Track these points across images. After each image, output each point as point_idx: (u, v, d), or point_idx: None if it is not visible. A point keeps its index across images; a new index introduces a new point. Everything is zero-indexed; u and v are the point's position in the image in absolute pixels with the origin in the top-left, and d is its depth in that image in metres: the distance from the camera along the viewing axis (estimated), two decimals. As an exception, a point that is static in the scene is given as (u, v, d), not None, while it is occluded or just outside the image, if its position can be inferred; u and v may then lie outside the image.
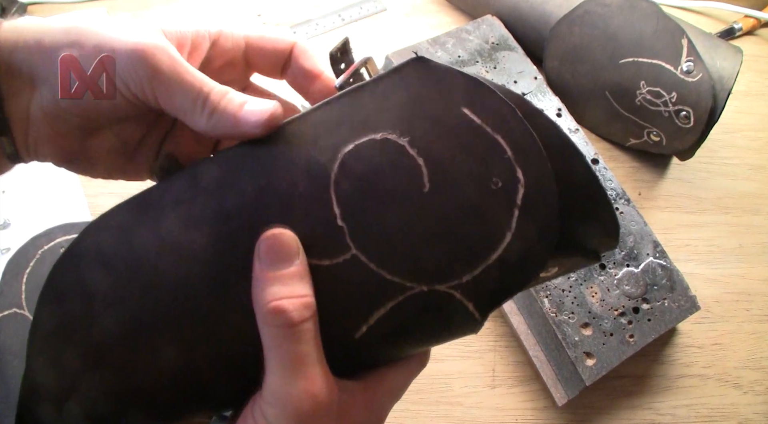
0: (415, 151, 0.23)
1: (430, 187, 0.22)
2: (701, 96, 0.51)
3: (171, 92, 0.24)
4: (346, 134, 0.23)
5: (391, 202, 0.22)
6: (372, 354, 0.24)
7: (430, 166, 0.22)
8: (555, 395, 0.45)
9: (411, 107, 0.23)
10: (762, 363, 0.51)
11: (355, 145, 0.23)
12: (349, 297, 0.23)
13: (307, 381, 0.21)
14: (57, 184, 0.53)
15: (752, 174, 0.60)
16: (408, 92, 0.23)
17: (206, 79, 0.24)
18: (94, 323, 0.24)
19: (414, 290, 0.22)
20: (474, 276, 0.22)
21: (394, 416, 0.47)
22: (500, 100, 0.23)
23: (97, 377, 0.24)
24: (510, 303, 0.48)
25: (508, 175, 0.22)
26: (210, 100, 0.24)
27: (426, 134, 0.23)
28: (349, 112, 0.24)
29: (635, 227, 0.49)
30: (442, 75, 0.23)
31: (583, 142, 0.53)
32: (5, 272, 0.46)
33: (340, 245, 0.23)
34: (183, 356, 0.23)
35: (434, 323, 0.23)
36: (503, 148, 0.22)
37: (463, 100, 0.23)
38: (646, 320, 0.46)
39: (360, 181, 0.23)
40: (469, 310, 0.23)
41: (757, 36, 0.68)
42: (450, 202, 0.22)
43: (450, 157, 0.22)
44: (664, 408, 0.49)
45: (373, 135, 0.23)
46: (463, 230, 0.22)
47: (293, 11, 0.67)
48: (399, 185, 0.22)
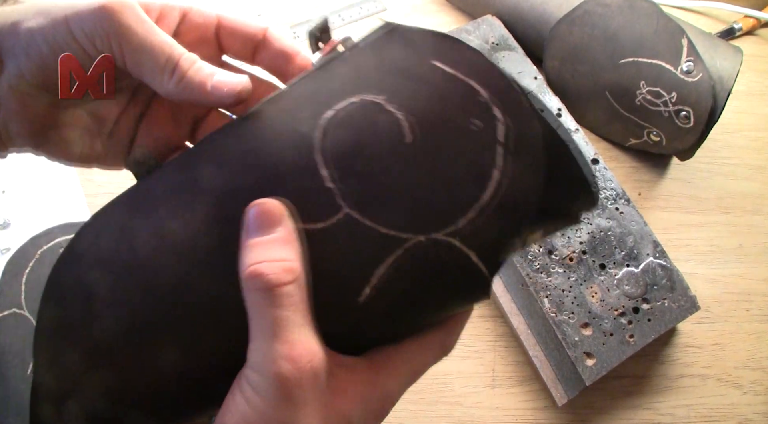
0: (393, 107, 0.23)
1: (412, 138, 0.23)
2: (701, 96, 0.51)
3: (139, 52, 0.24)
4: (324, 102, 0.23)
5: (377, 157, 0.23)
6: (380, 325, 0.24)
7: (409, 119, 0.23)
8: (555, 395, 0.45)
9: (384, 68, 0.23)
10: (762, 363, 0.51)
11: (335, 110, 0.23)
12: (347, 257, 0.23)
13: (286, 345, 0.21)
14: (57, 184, 0.53)
15: (752, 174, 0.60)
16: (380, 56, 0.24)
17: (175, 43, 0.24)
18: (94, 323, 0.24)
19: (411, 241, 0.22)
20: (470, 220, 0.22)
21: (394, 416, 0.47)
22: (469, 49, 0.23)
23: (97, 377, 0.24)
24: (510, 303, 0.48)
25: (486, 116, 0.22)
26: (180, 65, 0.24)
27: (402, 89, 0.23)
28: (325, 82, 0.24)
29: (635, 227, 0.49)
30: (411, 36, 0.24)
31: (583, 142, 0.53)
32: (5, 272, 0.46)
33: (332, 206, 0.22)
34: (183, 355, 0.23)
35: (439, 278, 0.23)
36: (477, 91, 0.23)
37: (433, 54, 0.23)
38: (646, 320, 0.46)
39: (343, 142, 0.23)
40: (472, 260, 0.22)
41: (757, 36, 0.68)
42: (433, 149, 0.22)
43: (428, 107, 0.23)
44: (664, 408, 0.49)
45: (351, 98, 0.23)
46: (451, 174, 0.22)
47: (293, 11, 0.67)
48: (382, 140, 0.23)
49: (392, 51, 0.24)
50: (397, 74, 0.23)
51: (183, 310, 0.23)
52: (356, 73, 0.24)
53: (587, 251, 0.48)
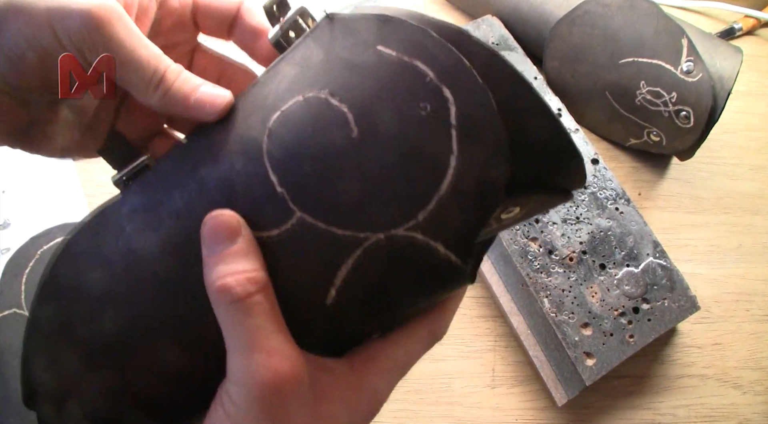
0: (337, 100, 0.22)
1: (358, 132, 0.21)
2: (701, 96, 0.51)
3: (126, 66, 0.23)
4: (272, 104, 0.23)
5: (324, 156, 0.22)
6: (355, 324, 0.23)
7: (354, 111, 0.21)
8: (555, 395, 0.45)
9: (329, 62, 0.22)
10: (762, 363, 0.51)
11: (281, 111, 0.23)
12: (307, 262, 0.22)
13: (262, 353, 0.21)
14: (57, 184, 0.53)
15: (752, 174, 0.60)
16: (324, 49, 0.23)
17: (162, 55, 0.24)
18: (92, 323, 0.24)
19: (370, 240, 0.21)
20: (430, 212, 0.21)
21: (394, 416, 0.47)
22: (412, 28, 0.21)
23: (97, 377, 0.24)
24: (510, 303, 0.48)
25: (434, 97, 0.21)
26: (165, 79, 0.23)
27: (346, 82, 0.22)
28: (273, 84, 0.23)
29: (635, 227, 0.49)
30: (352, 23, 0.23)
31: (583, 142, 0.53)
32: (5, 272, 0.46)
33: (285, 211, 0.22)
34: (182, 355, 0.23)
35: (407, 273, 0.22)
36: (423, 71, 0.21)
37: (376, 39, 0.22)
38: (646, 320, 0.46)
39: (289, 144, 0.22)
40: (440, 252, 0.21)
41: (757, 36, 0.68)
42: (381, 140, 0.21)
43: (373, 97, 0.21)
44: (664, 408, 0.49)
45: (297, 97, 0.22)
46: (403, 165, 0.21)
47: (293, 11, 0.67)
48: (328, 138, 0.22)
49: (336, 42, 0.23)
50: (341, 66, 0.22)
51: (177, 310, 0.23)
52: (301, 70, 0.23)
53: (587, 251, 0.48)
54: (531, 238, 0.48)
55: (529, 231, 0.48)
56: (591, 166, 0.51)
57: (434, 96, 0.21)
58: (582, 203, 0.50)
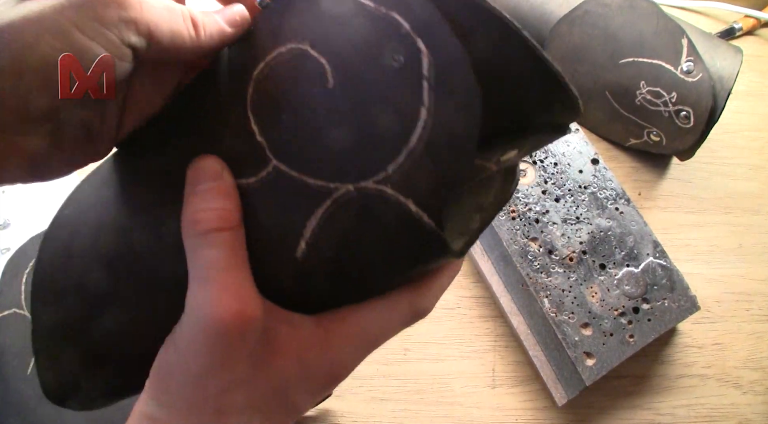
0: (316, 52, 0.22)
1: (333, 82, 0.21)
2: (701, 96, 0.51)
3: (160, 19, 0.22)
4: (256, 57, 0.23)
5: (301, 106, 0.22)
6: (325, 285, 0.22)
7: (332, 62, 0.22)
8: (555, 395, 0.45)
9: (311, 13, 0.23)
10: (762, 363, 0.51)
11: (265, 63, 0.23)
12: (279, 211, 0.22)
13: (216, 288, 0.20)
14: (57, 184, 0.53)
15: (752, 174, 0.60)
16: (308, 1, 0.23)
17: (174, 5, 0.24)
18: (93, 323, 0.24)
19: (339, 191, 0.21)
20: (400, 165, 0.20)
21: (394, 416, 0.47)
22: None
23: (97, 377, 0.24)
24: (510, 303, 0.48)
25: (408, 49, 0.20)
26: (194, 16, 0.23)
27: (325, 32, 0.22)
28: (257, 37, 0.24)
29: (635, 227, 0.49)
30: None
31: (583, 142, 0.53)
32: (5, 272, 0.46)
33: (262, 159, 0.22)
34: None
35: (376, 229, 0.21)
36: (399, 23, 0.21)
37: None
38: (646, 320, 0.46)
39: (271, 94, 0.23)
40: (411, 209, 0.20)
41: (757, 36, 0.68)
42: (355, 91, 0.21)
43: (349, 48, 0.21)
44: (664, 408, 0.49)
45: (280, 49, 0.23)
46: (374, 116, 0.21)
47: None
48: (306, 88, 0.22)
49: None
50: (322, 17, 0.22)
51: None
52: (285, 21, 0.23)
53: (587, 251, 0.48)
54: (531, 238, 0.48)
55: (529, 231, 0.48)
56: (591, 166, 0.51)
57: (408, 47, 0.20)
58: (582, 203, 0.50)
